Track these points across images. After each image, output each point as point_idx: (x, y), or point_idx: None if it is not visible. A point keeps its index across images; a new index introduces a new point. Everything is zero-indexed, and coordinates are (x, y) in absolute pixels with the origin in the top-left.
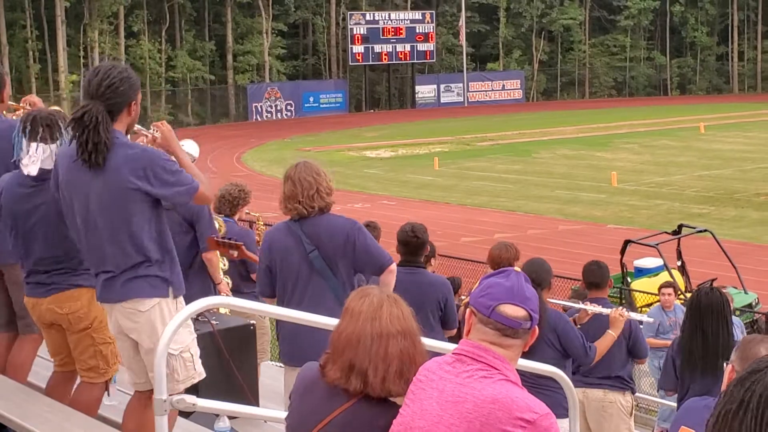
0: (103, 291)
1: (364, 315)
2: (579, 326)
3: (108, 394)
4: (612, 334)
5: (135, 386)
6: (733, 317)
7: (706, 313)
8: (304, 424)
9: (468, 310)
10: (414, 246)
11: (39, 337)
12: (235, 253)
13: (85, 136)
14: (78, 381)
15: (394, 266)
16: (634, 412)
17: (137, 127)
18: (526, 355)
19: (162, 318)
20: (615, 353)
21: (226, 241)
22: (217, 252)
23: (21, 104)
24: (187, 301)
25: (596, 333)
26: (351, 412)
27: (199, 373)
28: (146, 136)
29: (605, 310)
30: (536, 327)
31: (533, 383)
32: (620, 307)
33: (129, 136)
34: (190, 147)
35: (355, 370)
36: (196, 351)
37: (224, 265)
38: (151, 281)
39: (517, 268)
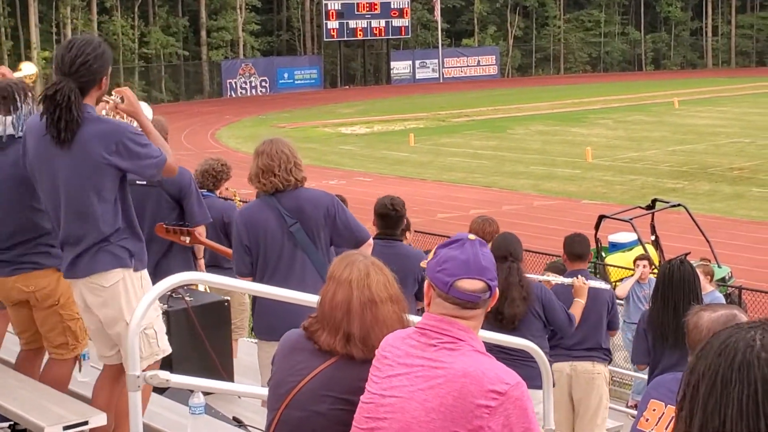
0: (70, 267)
1: (353, 282)
2: None
3: (80, 371)
4: (581, 302)
5: (103, 360)
6: (716, 291)
7: (678, 287)
8: (287, 381)
9: (426, 282)
10: (392, 219)
11: (7, 313)
12: (187, 239)
13: (57, 114)
14: (47, 357)
15: (371, 241)
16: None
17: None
18: (512, 331)
19: (126, 293)
20: (600, 324)
21: (175, 227)
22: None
23: None
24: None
25: (565, 304)
26: (335, 368)
27: (164, 349)
28: (107, 102)
29: (567, 280)
30: (496, 291)
31: (507, 356)
32: (578, 276)
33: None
34: (144, 109)
35: (347, 335)
36: (161, 327)
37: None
38: (114, 254)
39: (471, 236)
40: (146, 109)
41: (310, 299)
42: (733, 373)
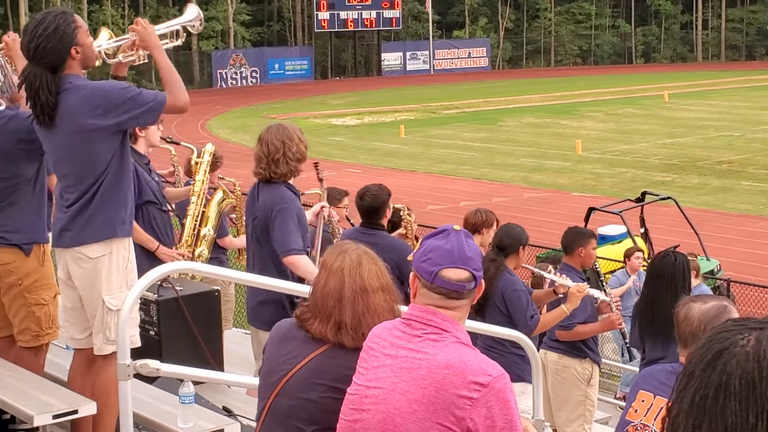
0: (59, 237)
1: (345, 270)
2: (560, 295)
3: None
4: (564, 310)
5: (73, 344)
6: (702, 285)
7: (657, 279)
8: (278, 370)
9: (412, 273)
10: (364, 208)
11: None
12: None
13: (33, 100)
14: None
15: (294, 259)
16: (596, 379)
17: (112, 41)
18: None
19: (109, 268)
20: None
21: None
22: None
23: None
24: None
25: (582, 310)
26: (326, 355)
27: (132, 340)
28: (124, 41)
29: (570, 284)
30: (482, 282)
31: (489, 347)
32: (583, 283)
33: (119, 58)
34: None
35: (338, 323)
36: (135, 317)
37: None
38: (104, 224)
39: (456, 226)
40: (190, 12)
41: (302, 289)
42: (698, 369)
